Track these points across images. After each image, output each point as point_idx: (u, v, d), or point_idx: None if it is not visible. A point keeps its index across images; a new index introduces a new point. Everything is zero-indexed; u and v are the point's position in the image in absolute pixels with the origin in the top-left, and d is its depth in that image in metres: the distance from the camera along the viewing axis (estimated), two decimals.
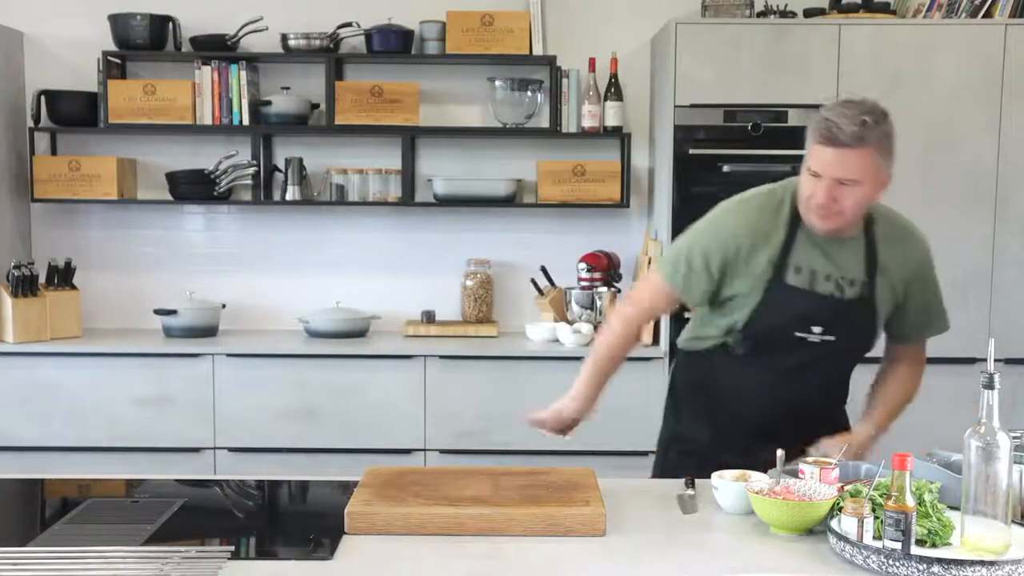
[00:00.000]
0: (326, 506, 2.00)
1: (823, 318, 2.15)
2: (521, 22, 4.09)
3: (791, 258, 2.14)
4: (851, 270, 2.16)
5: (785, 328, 2.16)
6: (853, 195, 2.04)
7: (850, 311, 2.16)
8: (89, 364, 3.85)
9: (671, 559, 1.66)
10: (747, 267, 2.16)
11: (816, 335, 2.16)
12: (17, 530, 1.89)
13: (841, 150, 2.00)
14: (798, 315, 2.15)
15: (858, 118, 2.01)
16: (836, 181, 2.02)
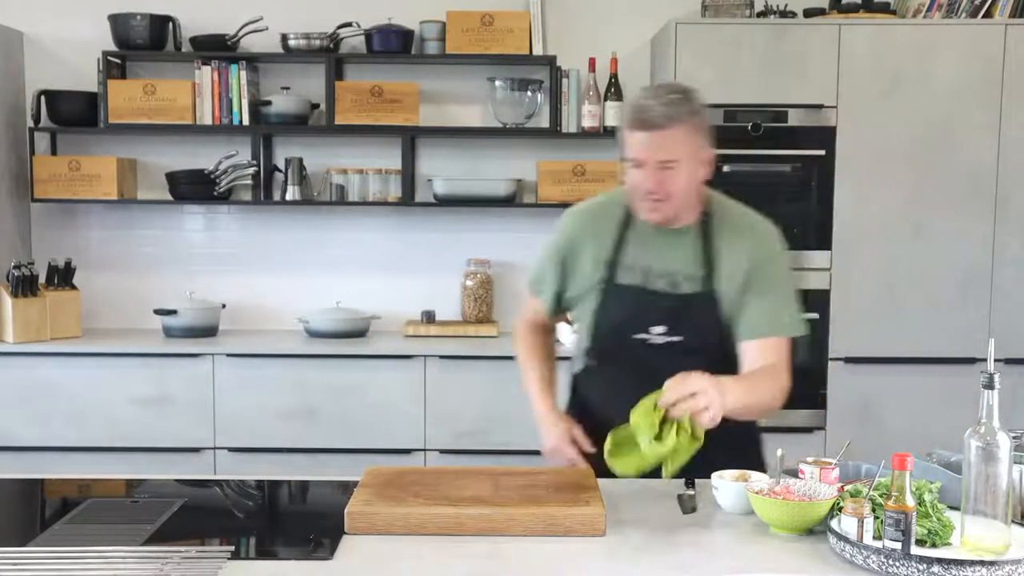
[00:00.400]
0: (326, 506, 2.00)
1: (661, 317, 2.10)
2: (521, 22, 4.09)
3: (622, 257, 2.13)
4: (687, 265, 2.11)
5: (624, 330, 2.12)
6: (677, 177, 2.01)
7: (689, 307, 2.10)
8: (89, 364, 3.85)
9: (671, 559, 1.66)
10: (582, 268, 2.17)
11: (658, 336, 2.10)
12: (17, 530, 1.89)
13: (655, 132, 1.98)
14: (634, 314, 2.11)
15: (664, 98, 2.00)
16: (658, 165, 1.99)
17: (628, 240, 2.14)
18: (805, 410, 3.89)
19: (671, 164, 2.00)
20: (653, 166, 2.00)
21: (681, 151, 2.00)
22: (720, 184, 3.79)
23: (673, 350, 2.10)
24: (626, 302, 2.12)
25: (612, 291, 2.13)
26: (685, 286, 2.11)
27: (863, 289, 3.85)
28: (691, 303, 2.10)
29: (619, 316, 2.13)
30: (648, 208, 2.05)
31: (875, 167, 3.82)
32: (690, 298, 2.10)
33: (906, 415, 3.86)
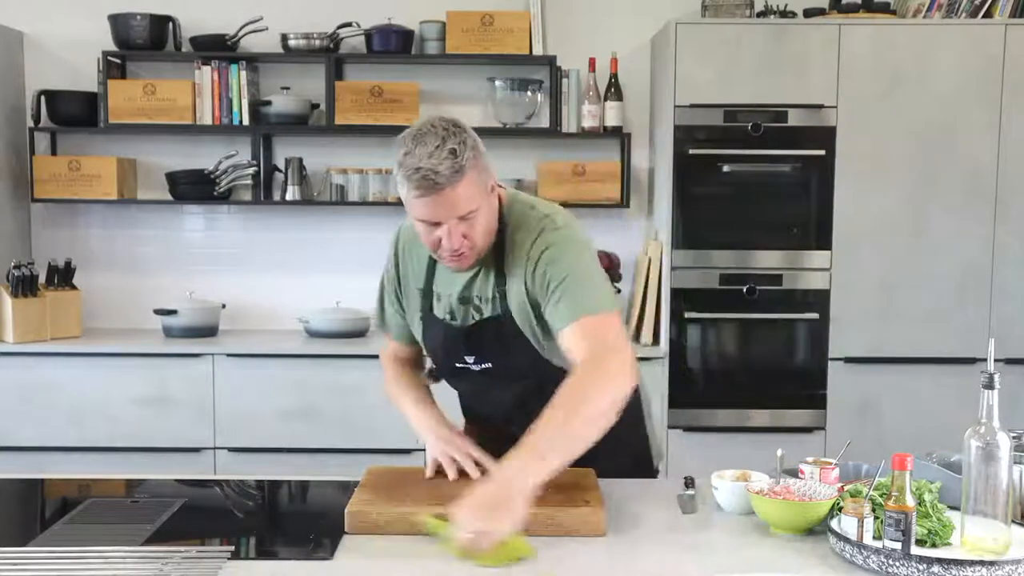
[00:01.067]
0: (326, 506, 2.00)
1: (468, 347, 2.02)
2: (521, 22, 4.09)
3: (435, 285, 2.06)
4: (484, 287, 2.00)
5: (444, 359, 2.09)
6: (477, 224, 1.88)
7: (490, 333, 2.00)
8: (89, 364, 3.85)
9: (671, 559, 1.66)
10: (410, 298, 2.12)
11: (473, 364, 2.04)
12: (17, 530, 1.89)
13: (445, 192, 1.81)
14: (447, 347, 2.06)
15: (445, 150, 1.82)
16: (457, 220, 1.85)
17: (438, 267, 2.05)
18: (805, 410, 3.89)
19: (471, 215, 1.86)
20: (453, 223, 1.85)
21: (477, 199, 1.86)
22: (720, 184, 3.85)
23: (490, 375, 2.04)
24: (438, 334, 2.07)
25: (429, 322, 2.08)
26: (484, 311, 2.01)
27: (863, 289, 3.85)
28: (490, 328, 2.00)
29: (437, 347, 2.09)
30: (452, 261, 1.93)
31: (875, 167, 3.82)
32: (485, 324, 2.00)
33: (906, 415, 3.86)
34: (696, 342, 3.89)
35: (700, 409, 3.90)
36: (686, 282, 3.87)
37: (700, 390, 3.91)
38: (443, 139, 1.86)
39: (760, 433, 3.85)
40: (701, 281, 3.86)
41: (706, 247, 3.87)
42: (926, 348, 3.87)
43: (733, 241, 3.86)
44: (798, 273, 3.87)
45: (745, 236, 3.87)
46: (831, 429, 3.86)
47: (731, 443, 3.84)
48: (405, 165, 1.84)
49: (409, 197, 1.86)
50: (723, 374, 3.93)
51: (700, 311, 3.87)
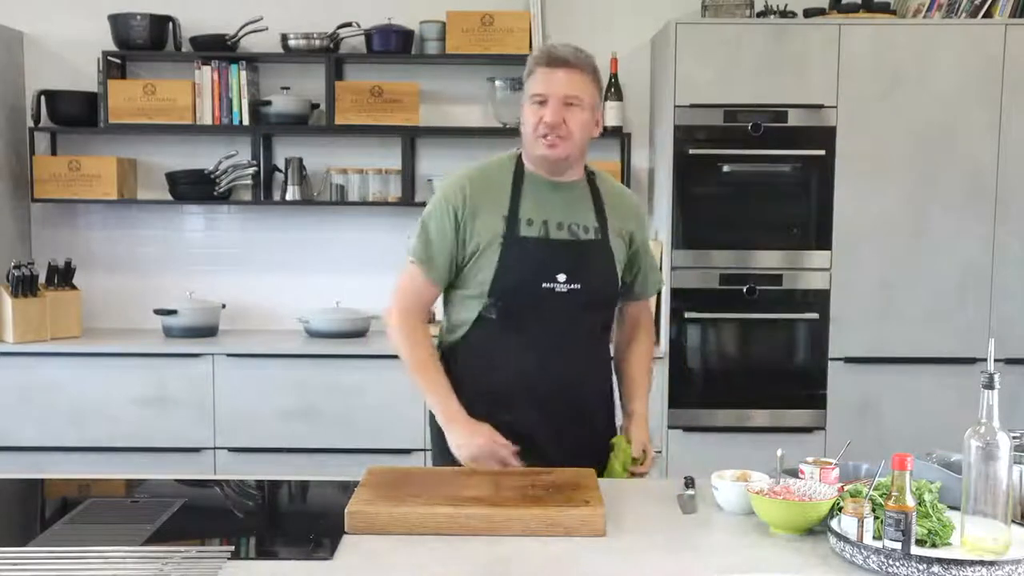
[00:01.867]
0: (326, 506, 2.00)
1: (564, 265, 2.18)
2: (521, 22, 4.09)
3: (521, 211, 2.19)
4: (582, 216, 2.23)
5: (531, 280, 2.17)
6: (578, 117, 2.15)
7: (588, 255, 2.22)
8: (89, 364, 3.85)
9: (671, 559, 1.66)
10: (480, 226, 2.18)
11: (562, 284, 2.17)
12: (17, 530, 1.89)
13: (563, 70, 2.14)
14: (539, 264, 2.17)
15: (573, 47, 2.18)
16: (563, 100, 2.13)
17: (524, 195, 2.21)
18: (805, 410, 3.89)
19: (575, 100, 2.14)
20: (558, 100, 2.13)
21: (584, 93, 2.15)
22: (720, 184, 3.85)
23: (573, 299, 2.19)
24: (531, 253, 2.17)
25: (516, 243, 2.17)
26: (583, 235, 2.22)
27: (863, 289, 3.85)
28: (590, 250, 2.22)
29: (526, 267, 2.17)
30: (546, 143, 2.15)
31: (875, 167, 3.82)
32: (589, 246, 2.22)
33: (906, 415, 3.86)
34: (696, 342, 3.89)
35: (700, 409, 3.90)
36: (686, 282, 3.87)
37: (700, 390, 3.91)
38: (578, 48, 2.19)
39: (760, 433, 3.85)
40: (701, 281, 3.86)
41: (706, 247, 3.87)
42: (926, 348, 3.87)
43: (733, 241, 3.86)
44: (798, 273, 3.87)
45: (745, 236, 3.87)
46: (831, 429, 3.86)
47: (731, 443, 3.84)
48: (539, 49, 2.23)
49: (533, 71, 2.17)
50: (723, 374, 3.93)
51: (700, 311, 3.87)
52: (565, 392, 2.21)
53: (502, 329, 2.19)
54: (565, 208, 2.22)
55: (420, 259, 2.24)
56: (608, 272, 2.24)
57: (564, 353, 2.21)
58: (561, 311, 2.18)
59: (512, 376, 2.19)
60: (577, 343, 2.23)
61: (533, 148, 2.19)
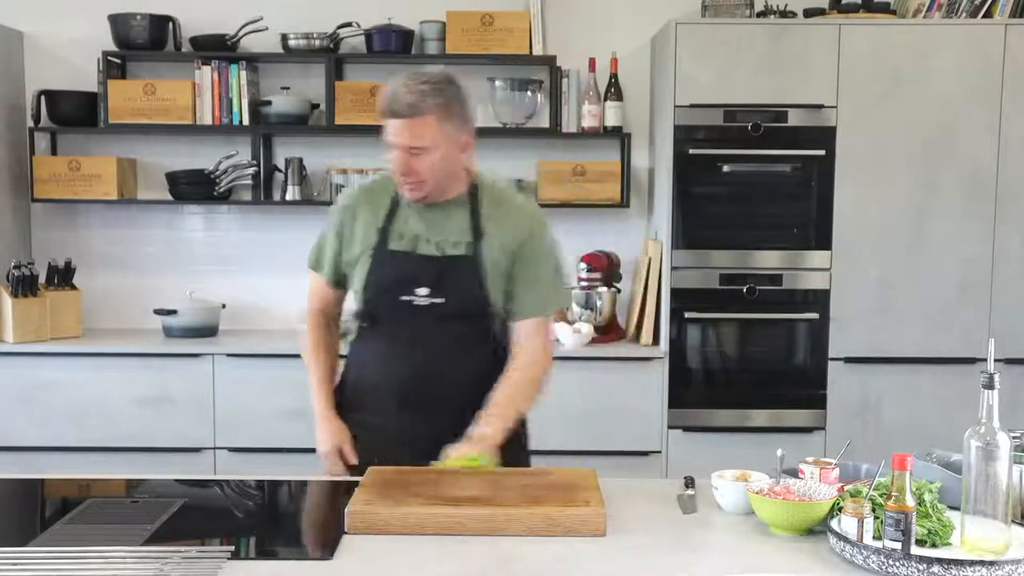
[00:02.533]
0: (326, 506, 2.00)
1: (428, 279, 2.21)
2: (521, 22, 4.09)
3: (394, 226, 2.25)
4: (454, 233, 2.24)
5: (392, 291, 2.23)
6: (426, 161, 2.15)
7: (452, 270, 2.22)
8: (89, 364, 3.85)
9: (671, 559, 1.66)
10: (357, 235, 2.28)
11: (422, 297, 2.21)
12: (17, 530, 1.89)
13: (402, 120, 2.12)
14: (402, 277, 2.23)
15: (416, 88, 2.13)
16: (407, 150, 2.14)
17: (400, 211, 2.26)
18: (805, 410, 3.89)
19: (419, 151, 2.13)
20: (403, 151, 2.14)
21: (429, 138, 2.13)
22: (720, 184, 3.85)
23: (435, 312, 2.22)
24: (396, 266, 2.24)
25: (384, 255, 2.24)
26: (451, 251, 2.23)
27: (863, 289, 3.86)
28: (455, 266, 2.22)
29: (388, 278, 2.24)
30: (406, 188, 2.20)
31: (875, 167, 3.82)
32: (455, 260, 2.22)
33: (906, 415, 3.86)
34: (696, 342, 3.89)
35: (700, 409, 3.90)
36: (686, 282, 3.87)
37: (700, 390, 3.91)
38: (424, 81, 2.15)
39: (760, 433, 3.85)
40: (701, 281, 3.86)
41: (706, 247, 3.87)
42: (926, 348, 3.87)
43: (733, 241, 3.86)
44: (798, 273, 3.87)
45: (745, 236, 3.87)
46: (831, 429, 3.86)
47: (731, 443, 3.84)
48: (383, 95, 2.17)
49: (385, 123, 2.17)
50: (723, 374, 3.93)
51: (700, 311, 3.87)
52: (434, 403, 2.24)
53: (372, 338, 2.30)
54: (438, 225, 2.24)
55: (312, 265, 2.39)
56: (475, 287, 2.22)
57: (428, 365, 2.24)
58: (424, 324, 2.23)
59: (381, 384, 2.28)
60: (444, 355, 2.24)
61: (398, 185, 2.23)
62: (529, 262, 2.27)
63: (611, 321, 4.11)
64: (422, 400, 2.24)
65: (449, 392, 2.25)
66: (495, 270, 2.23)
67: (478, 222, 2.25)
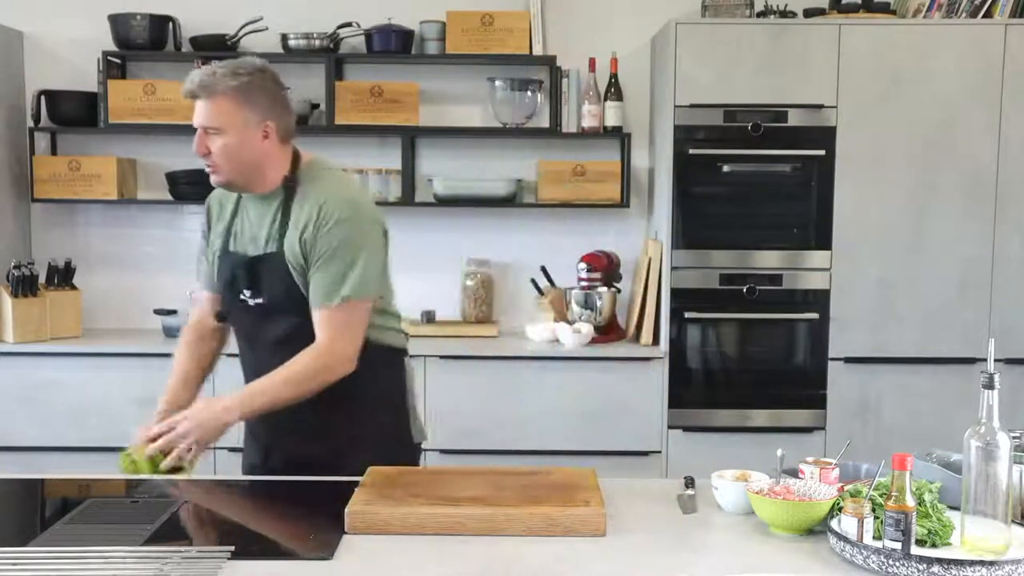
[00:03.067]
0: (326, 506, 2.00)
1: (246, 280, 2.24)
2: (521, 22, 4.09)
3: (235, 226, 2.30)
4: (264, 230, 2.25)
5: (228, 294, 2.30)
6: (219, 144, 2.17)
7: (261, 268, 2.23)
8: (89, 364, 3.85)
9: (671, 559, 1.66)
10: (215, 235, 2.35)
11: (249, 298, 2.25)
12: (17, 530, 1.89)
13: (198, 101, 2.17)
14: (231, 279, 2.28)
15: (210, 71, 2.17)
16: (202, 130, 2.17)
17: (240, 210, 2.31)
18: (805, 410, 3.89)
19: (213, 131, 2.16)
20: (200, 131, 2.18)
21: (222, 122, 2.16)
22: (720, 184, 3.85)
23: (263, 311, 2.25)
24: (226, 268, 2.28)
25: (223, 258, 2.30)
26: (257, 248, 2.25)
27: (863, 289, 3.85)
28: (262, 264, 2.23)
29: (223, 281, 2.30)
30: (209, 172, 2.23)
31: (875, 167, 3.82)
32: (261, 259, 2.24)
33: (906, 415, 3.86)
34: (696, 342, 3.89)
35: (700, 409, 3.90)
36: (686, 282, 3.87)
37: (700, 390, 3.91)
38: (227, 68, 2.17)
39: (760, 433, 3.85)
40: (701, 281, 3.86)
41: (706, 247, 3.87)
42: (926, 348, 3.87)
43: (733, 241, 3.86)
44: (798, 273, 3.87)
45: (745, 236, 3.87)
46: (831, 429, 3.86)
47: (731, 443, 3.84)
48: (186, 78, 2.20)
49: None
50: (723, 374, 3.93)
51: (700, 311, 3.87)
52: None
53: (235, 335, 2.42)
54: (256, 222, 2.27)
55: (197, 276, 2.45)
56: (282, 284, 2.21)
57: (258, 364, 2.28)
58: (255, 324, 2.28)
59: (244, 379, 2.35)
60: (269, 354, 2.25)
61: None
62: (320, 250, 2.18)
63: (611, 321, 4.12)
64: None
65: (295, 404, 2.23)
66: (295, 263, 2.20)
67: (287, 212, 2.23)
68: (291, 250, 2.20)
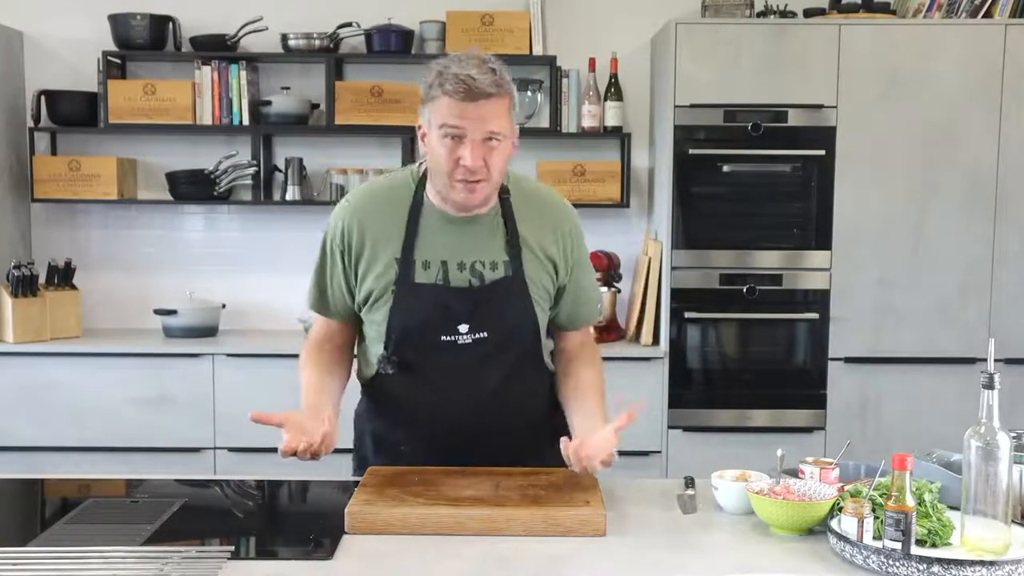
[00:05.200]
0: (326, 506, 2.00)
1: (467, 314, 1.91)
2: (521, 22, 4.09)
3: (416, 253, 1.92)
4: (489, 252, 1.93)
5: (426, 332, 1.93)
6: (499, 154, 1.86)
7: (496, 298, 1.92)
8: (89, 364, 3.85)
9: (671, 559, 1.66)
10: (370, 266, 1.94)
11: (465, 335, 1.92)
12: (17, 530, 1.89)
13: (482, 103, 1.81)
14: (436, 315, 1.91)
15: (486, 67, 1.85)
16: (483, 137, 1.82)
17: (421, 232, 1.93)
18: (805, 410, 3.89)
19: (497, 137, 1.84)
20: (478, 139, 1.82)
21: (505, 125, 1.86)
22: (720, 184, 3.85)
23: (481, 348, 1.94)
24: (427, 303, 1.91)
25: (409, 291, 1.91)
26: (489, 275, 1.93)
27: (863, 289, 3.85)
28: (499, 293, 1.92)
29: (419, 318, 1.92)
30: (465, 189, 1.85)
31: (875, 167, 3.82)
32: (498, 287, 1.92)
33: (906, 415, 3.86)
34: (696, 342, 3.89)
35: (700, 409, 3.90)
36: (686, 282, 3.87)
37: (700, 390, 3.91)
38: (484, 61, 1.87)
39: (760, 433, 3.85)
40: (701, 281, 3.86)
41: (706, 247, 3.86)
42: (926, 348, 3.87)
43: (733, 241, 3.86)
44: (798, 273, 3.87)
45: (745, 236, 3.87)
46: (831, 429, 3.86)
47: (731, 443, 3.84)
48: (444, 74, 1.82)
49: (442, 106, 1.84)
50: (723, 374, 3.93)
51: (700, 311, 3.87)
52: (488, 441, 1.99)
53: (404, 383, 1.98)
54: (469, 245, 1.93)
55: (318, 309, 2.06)
56: (522, 312, 1.95)
57: (476, 407, 1.97)
58: (467, 363, 1.94)
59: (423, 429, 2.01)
60: (493, 392, 1.97)
61: (446, 189, 1.89)
62: (575, 268, 2.01)
63: (611, 321, 4.12)
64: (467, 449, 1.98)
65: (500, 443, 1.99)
66: (538, 286, 1.95)
67: (515, 235, 1.94)
68: (535, 272, 1.95)
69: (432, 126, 1.89)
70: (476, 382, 1.97)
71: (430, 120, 1.89)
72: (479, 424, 1.99)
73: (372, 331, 2.01)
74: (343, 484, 2.04)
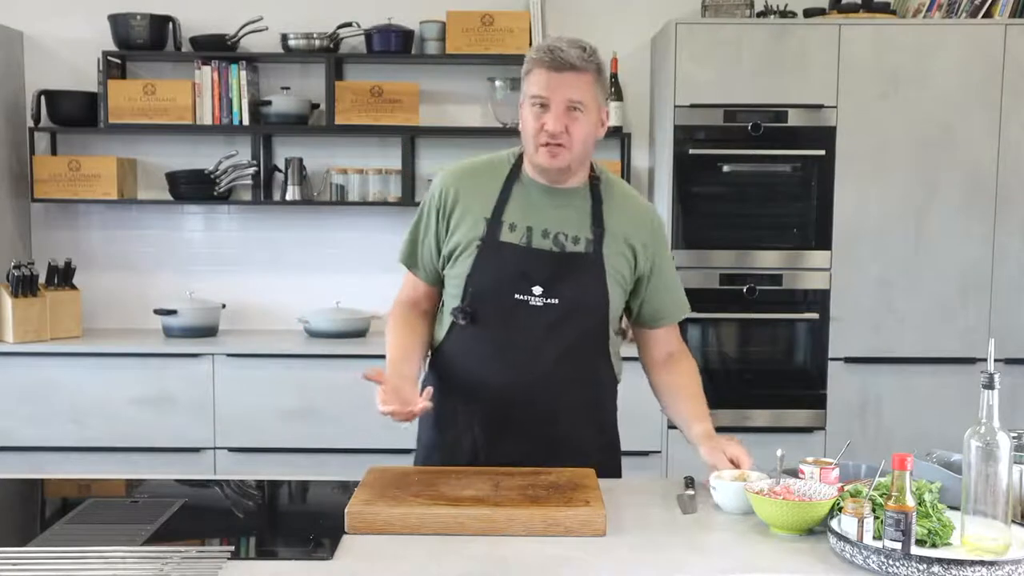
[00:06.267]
0: (326, 506, 2.00)
1: (543, 277, 2.03)
2: (521, 22, 4.09)
3: (505, 215, 2.07)
4: (574, 226, 2.08)
5: (502, 289, 2.04)
6: (581, 124, 2.03)
7: (573, 268, 2.05)
8: (89, 364, 3.85)
9: (671, 559, 1.66)
10: (460, 226, 2.09)
11: (537, 297, 2.03)
12: (17, 530, 1.89)
13: (567, 73, 1.99)
14: (514, 273, 2.04)
15: (577, 45, 2.02)
16: (566, 106, 2.00)
17: (512, 199, 2.09)
18: (805, 410, 3.89)
19: (578, 106, 2.02)
20: (560, 106, 2.00)
21: (588, 97, 2.03)
22: (720, 184, 3.85)
23: (550, 313, 2.04)
24: (507, 261, 2.04)
25: (493, 248, 2.05)
26: (570, 246, 2.06)
27: (863, 289, 3.86)
28: (574, 263, 2.05)
29: (499, 274, 2.05)
30: (548, 153, 2.02)
31: (875, 167, 3.82)
32: (577, 258, 2.06)
33: (906, 415, 3.86)
34: (696, 342, 3.89)
35: None
36: (686, 282, 3.77)
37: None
38: (578, 41, 2.03)
39: (760, 433, 3.85)
40: (701, 281, 3.86)
41: (706, 247, 3.87)
42: (926, 348, 3.87)
43: (733, 241, 3.86)
44: (798, 273, 3.87)
45: (745, 236, 3.87)
46: (831, 429, 3.86)
47: None
48: (540, 48, 2.02)
49: (532, 77, 2.02)
50: (723, 374, 3.93)
51: (700, 311, 3.85)
52: (537, 413, 2.08)
53: (472, 338, 2.09)
54: (556, 216, 2.07)
55: (406, 262, 2.21)
56: (595, 288, 2.06)
57: (538, 371, 2.07)
58: (536, 326, 2.04)
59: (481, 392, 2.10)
60: (556, 361, 2.06)
61: (532, 155, 2.06)
62: (657, 264, 2.14)
63: None
64: (516, 418, 2.08)
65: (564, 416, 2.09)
66: (615, 269, 2.07)
67: (600, 217, 2.09)
68: (614, 256, 2.07)
69: (525, 97, 2.06)
70: (539, 348, 2.06)
71: (524, 92, 2.06)
72: (529, 397, 2.07)
73: (452, 288, 2.12)
74: (343, 484, 2.04)
